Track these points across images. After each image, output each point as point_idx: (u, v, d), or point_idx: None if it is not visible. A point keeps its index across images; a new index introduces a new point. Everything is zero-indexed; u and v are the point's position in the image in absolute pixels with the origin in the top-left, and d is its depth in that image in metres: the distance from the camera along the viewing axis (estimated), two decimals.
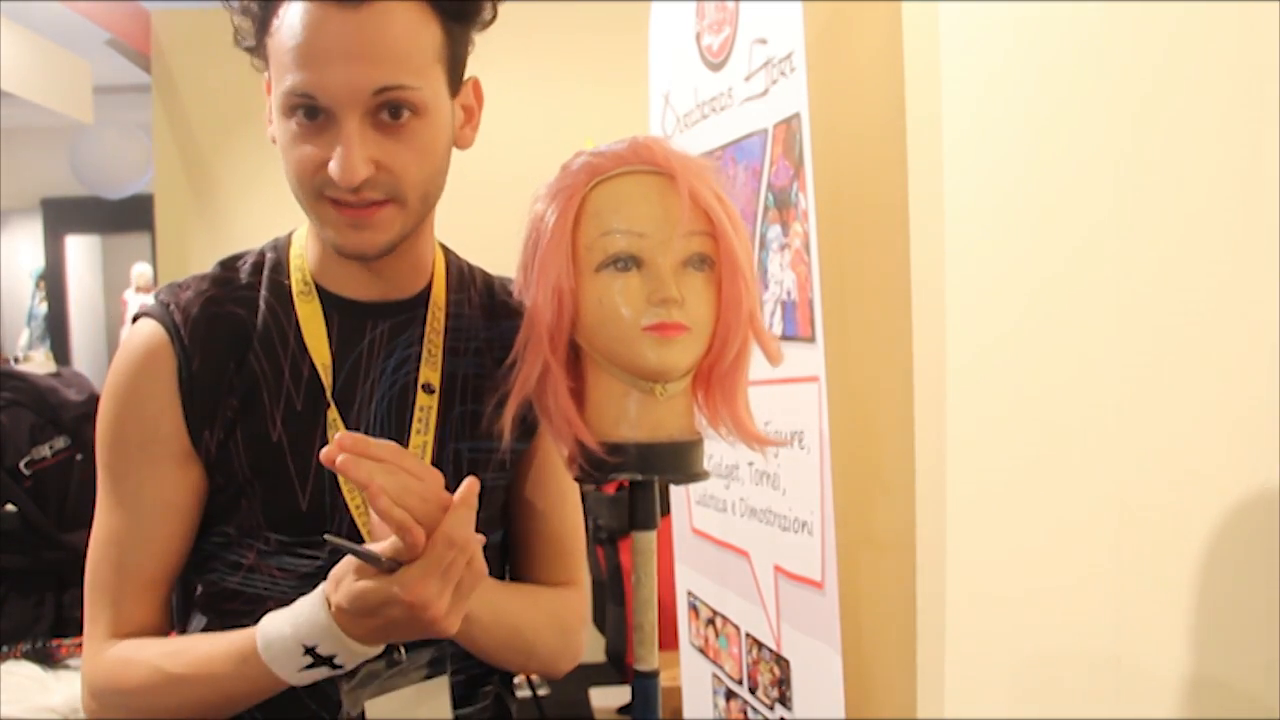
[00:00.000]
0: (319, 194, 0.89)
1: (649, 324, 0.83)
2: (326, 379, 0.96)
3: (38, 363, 3.08)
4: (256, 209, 4.44)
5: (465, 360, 1.02)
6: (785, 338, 1.55)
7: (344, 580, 0.81)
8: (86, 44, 4.59)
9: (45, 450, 2.50)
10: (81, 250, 8.50)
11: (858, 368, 1.63)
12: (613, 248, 0.84)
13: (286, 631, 0.84)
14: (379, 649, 0.85)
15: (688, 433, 0.89)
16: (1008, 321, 1.33)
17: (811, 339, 1.48)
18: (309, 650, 0.83)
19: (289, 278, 0.99)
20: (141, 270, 7.47)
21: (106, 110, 5.35)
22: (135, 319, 0.98)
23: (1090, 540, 1.18)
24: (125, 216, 7.11)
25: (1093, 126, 1.16)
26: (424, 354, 1.00)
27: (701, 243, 0.85)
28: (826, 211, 1.50)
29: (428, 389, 0.99)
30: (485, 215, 2.29)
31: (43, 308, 8.04)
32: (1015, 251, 1.31)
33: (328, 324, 0.97)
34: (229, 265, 1.00)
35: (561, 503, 1.09)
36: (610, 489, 2.94)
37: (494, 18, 0.95)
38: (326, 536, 0.81)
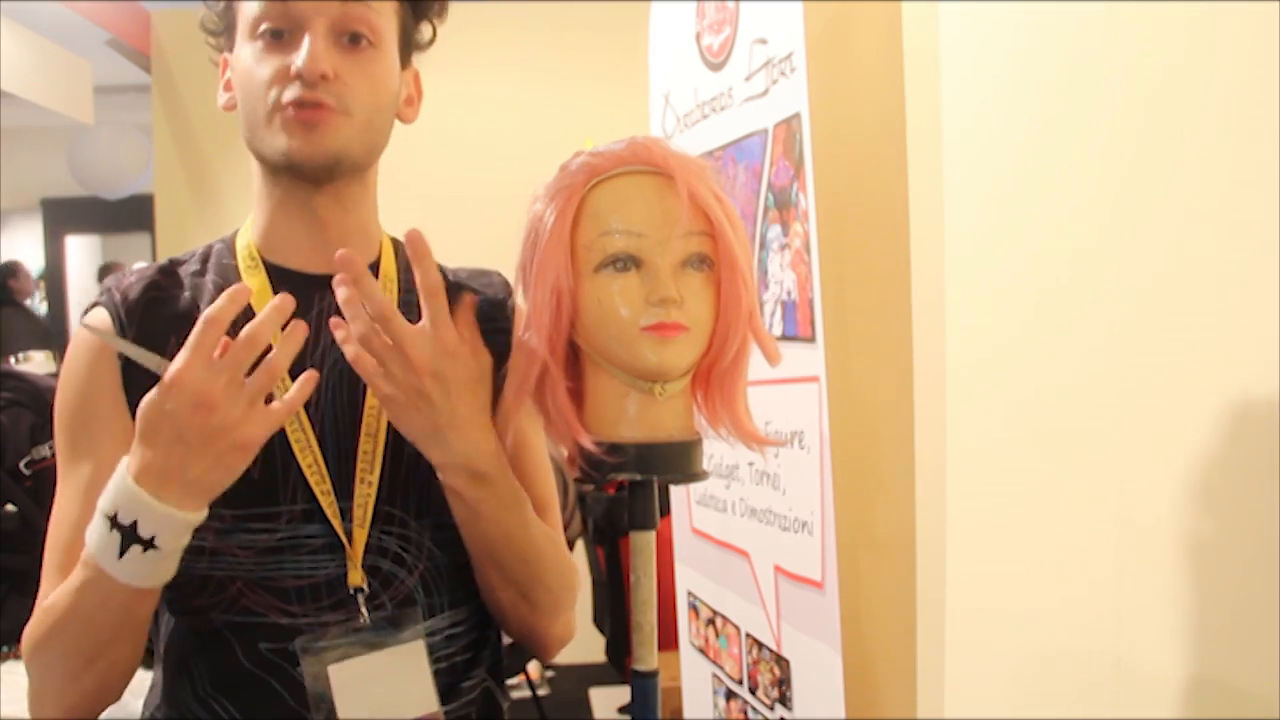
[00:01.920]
0: (275, 105, 0.92)
1: (648, 324, 0.83)
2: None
3: (38, 363, 3.08)
4: None
5: None
6: (785, 338, 1.55)
7: None
8: (86, 44, 4.58)
9: (45, 450, 2.49)
10: (81, 250, 8.50)
11: (858, 368, 1.63)
12: (612, 248, 0.84)
13: (97, 513, 0.84)
14: (190, 512, 0.82)
15: (687, 433, 0.89)
16: (1008, 321, 1.32)
17: (811, 339, 1.48)
18: (111, 520, 0.82)
19: (235, 258, 1.02)
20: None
21: (106, 110, 5.35)
22: (87, 311, 1.01)
23: (1090, 540, 1.18)
24: (125, 216, 7.11)
25: (1093, 127, 1.16)
26: None
27: (700, 243, 0.85)
28: (826, 211, 1.50)
29: None
30: (484, 215, 2.29)
31: (43, 308, 8.04)
32: (1016, 252, 1.31)
33: (275, 295, 0.98)
34: (176, 260, 1.04)
35: (528, 456, 1.06)
36: (610, 489, 2.93)
37: (433, 39, 1.03)
38: (119, 344, 0.87)
